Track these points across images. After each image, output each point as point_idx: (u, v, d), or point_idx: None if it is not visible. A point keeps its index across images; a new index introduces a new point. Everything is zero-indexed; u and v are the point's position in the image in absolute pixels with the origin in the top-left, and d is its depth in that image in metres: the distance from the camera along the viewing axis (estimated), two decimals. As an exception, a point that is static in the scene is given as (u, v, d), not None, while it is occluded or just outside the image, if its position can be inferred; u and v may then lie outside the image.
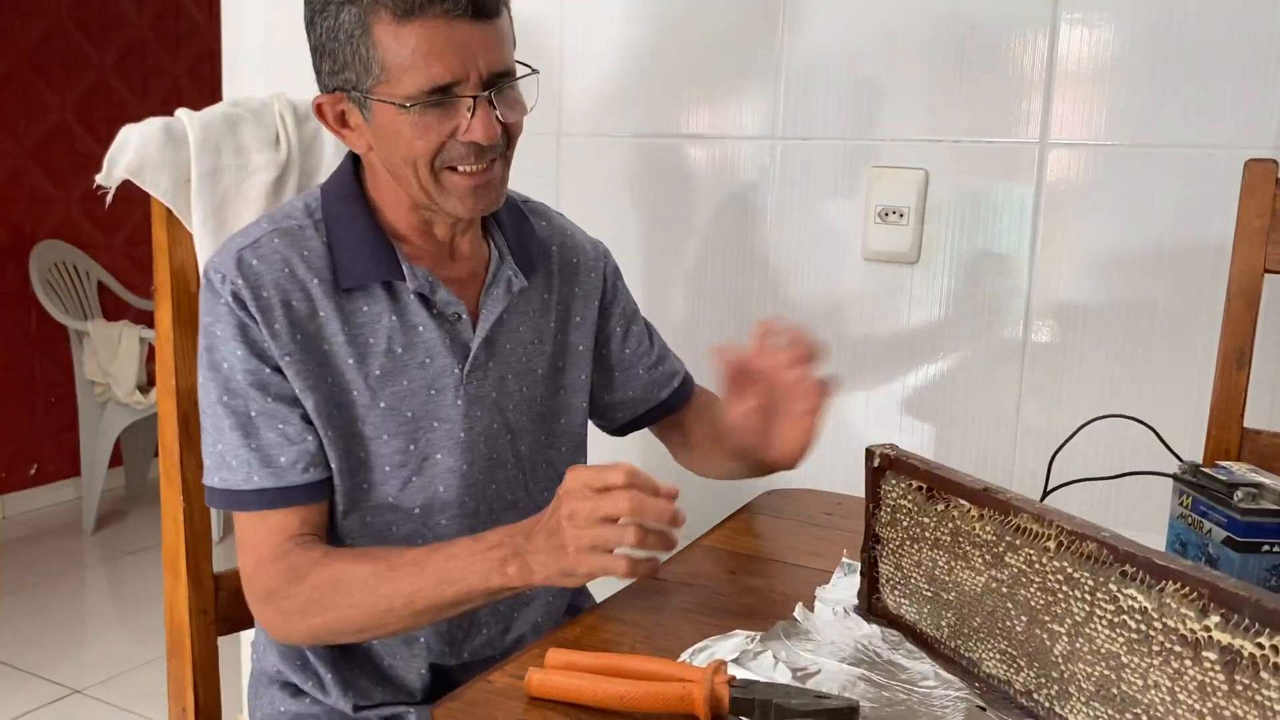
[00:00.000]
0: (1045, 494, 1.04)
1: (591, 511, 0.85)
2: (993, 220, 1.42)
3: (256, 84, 1.85)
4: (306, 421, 1.00)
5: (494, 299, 1.08)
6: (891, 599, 0.89)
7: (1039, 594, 0.73)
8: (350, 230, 1.04)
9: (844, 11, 1.47)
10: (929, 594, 0.84)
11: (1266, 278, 1.16)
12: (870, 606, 0.91)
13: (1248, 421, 1.17)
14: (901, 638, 0.86)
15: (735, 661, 0.80)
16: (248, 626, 1.23)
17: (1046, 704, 0.73)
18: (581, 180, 1.68)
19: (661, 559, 0.88)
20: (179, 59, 4.28)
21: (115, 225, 4.09)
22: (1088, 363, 1.38)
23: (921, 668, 0.81)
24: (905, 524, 0.86)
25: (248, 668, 1.94)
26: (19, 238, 3.79)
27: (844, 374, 1.54)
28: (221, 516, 3.31)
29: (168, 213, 1.19)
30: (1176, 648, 0.63)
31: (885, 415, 1.52)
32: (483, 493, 1.09)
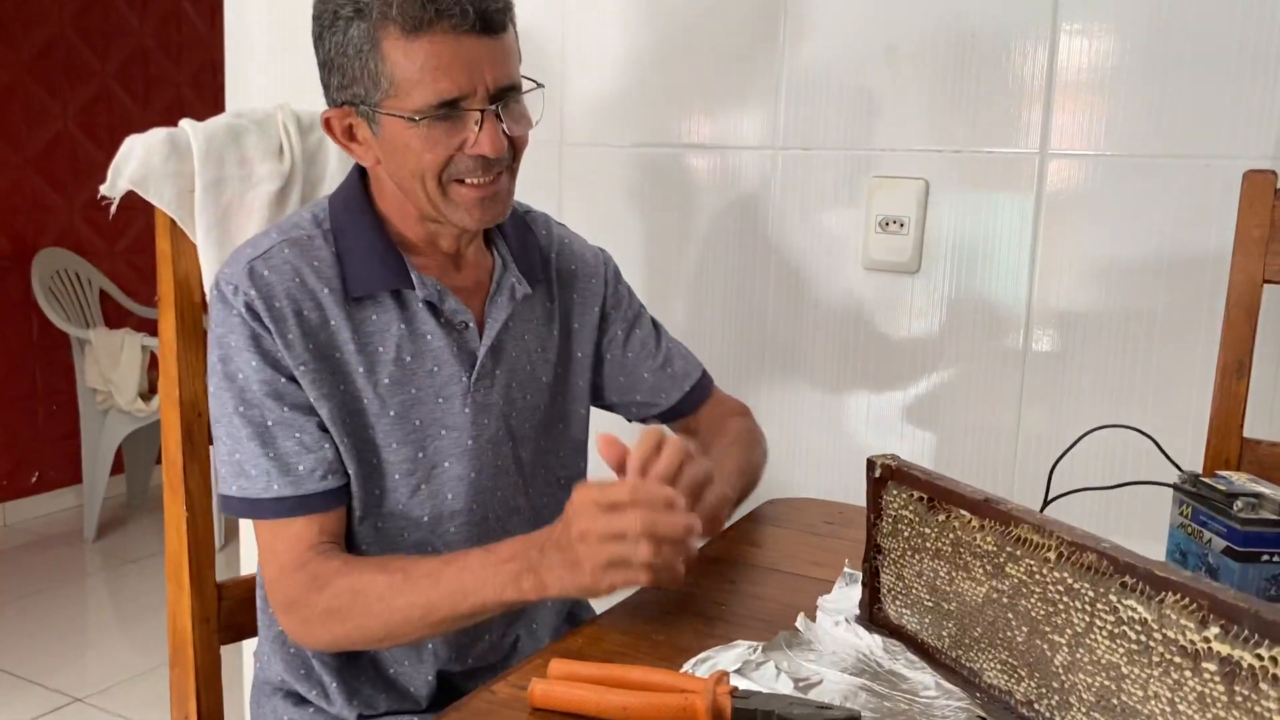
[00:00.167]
0: (1046, 503, 1.04)
1: (603, 530, 0.85)
2: (993, 230, 1.42)
3: (259, 95, 1.86)
4: (322, 429, 1.01)
5: (499, 307, 1.09)
6: (893, 609, 0.89)
7: (1040, 604, 0.74)
8: (359, 240, 1.04)
9: (845, 23, 1.47)
10: (930, 604, 0.85)
11: (1266, 288, 1.16)
12: (872, 616, 0.91)
13: (1247, 431, 1.18)
14: (903, 648, 0.86)
15: (737, 672, 0.80)
16: (250, 635, 1.23)
17: (1047, 714, 0.74)
18: (583, 189, 1.69)
19: (682, 568, 0.88)
20: (181, 68, 4.29)
21: (117, 233, 4.09)
22: (1088, 372, 1.39)
23: (923, 678, 0.81)
24: (906, 534, 0.87)
25: (249, 676, 1.94)
26: (21, 246, 3.80)
27: (846, 383, 1.55)
28: (223, 524, 3.32)
29: (171, 223, 1.19)
30: (1176, 659, 0.64)
31: (886, 424, 1.52)
32: (489, 500, 1.10)
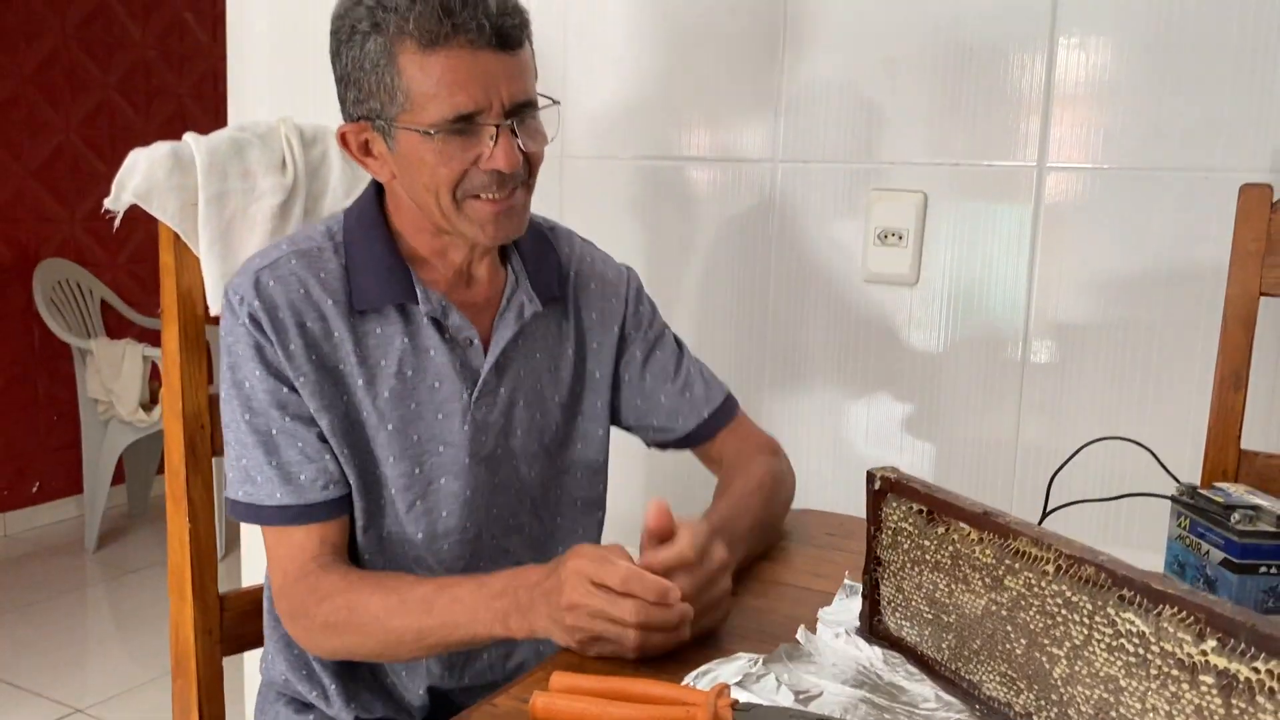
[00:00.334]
0: (1045, 515, 1.05)
1: (594, 608, 0.85)
2: (991, 242, 1.43)
3: (262, 107, 1.87)
4: (323, 440, 1.02)
5: (506, 324, 1.09)
6: (893, 621, 0.89)
7: (1038, 617, 0.74)
8: (368, 253, 1.05)
9: (844, 36, 1.48)
10: (930, 616, 0.85)
11: (1262, 300, 1.17)
12: (872, 628, 0.91)
13: (1244, 443, 1.18)
14: (903, 660, 0.86)
15: (738, 684, 0.81)
16: (253, 646, 1.24)
17: (1046, 726, 0.74)
18: (585, 202, 1.69)
19: (670, 646, 0.87)
20: (183, 79, 4.31)
21: (118, 244, 4.11)
22: (1086, 383, 1.39)
23: (923, 690, 0.82)
24: (906, 546, 0.87)
25: (251, 685, 1.95)
26: (23, 256, 3.81)
27: (845, 394, 1.55)
28: (224, 534, 3.32)
29: (175, 236, 1.20)
30: (1174, 671, 0.64)
31: (885, 435, 1.53)
32: (484, 518, 1.10)
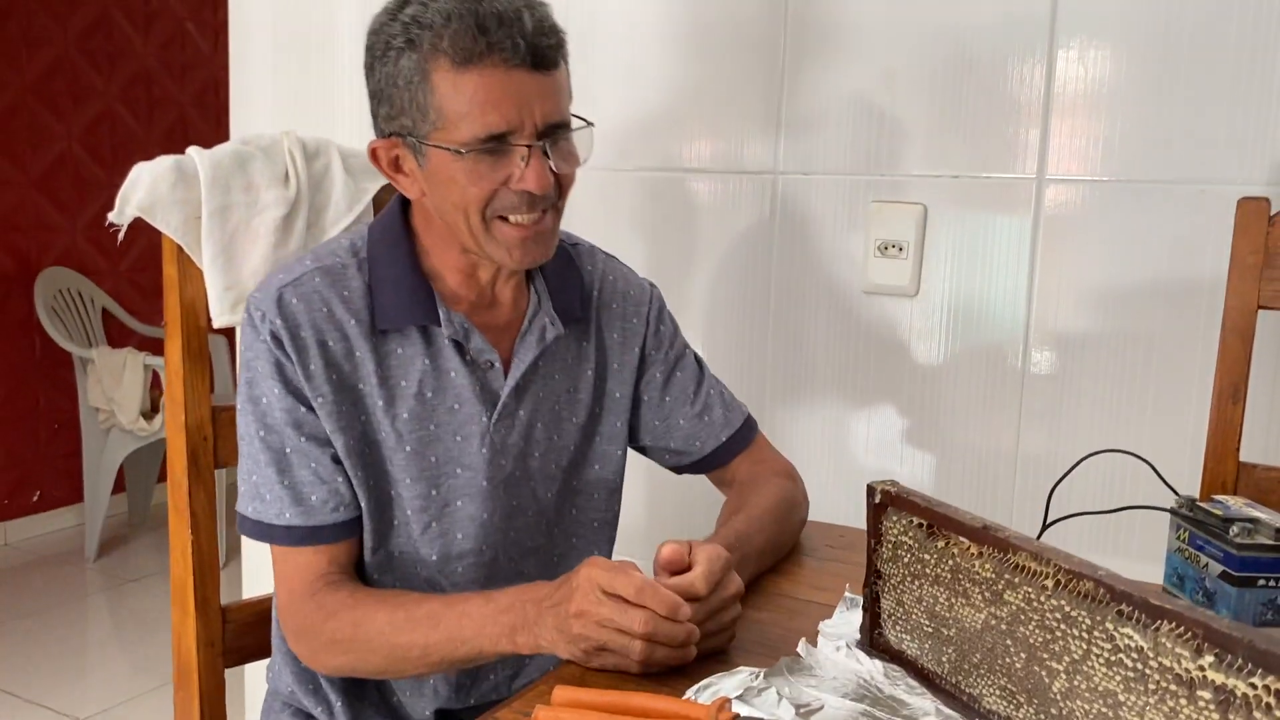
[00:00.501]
0: (1044, 527, 1.05)
1: (602, 617, 0.85)
2: (991, 254, 1.44)
3: (264, 118, 1.88)
4: (336, 462, 1.02)
5: (527, 347, 1.08)
6: (893, 634, 0.90)
7: (1037, 631, 0.74)
8: (391, 271, 1.04)
9: (845, 49, 1.49)
10: (930, 630, 0.85)
11: (1260, 313, 1.18)
12: (872, 641, 0.92)
13: (1243, 455, 1.19)
14: (903, 673, 0.87)
15: (739, 698, 0.81)
16: (255, 658, 1.24)
17: (1046, 740, 0.74)
18: (585, 213, 1.69)
19: (674, 662, 0.87)
20: (184, 88, 4.32)
21: (120, 253, 4.11)
22: (1086, 394, 1.40)
23: (923, 703, 0.82)
24: (906, 560, 0.87)
25: (253, 696, 1.95)
26: (24, 265, 3.81)
27: (846, 405, 1.56)
28: (225, 543, 3.32)
29: (178, 249, 1.20)
30: (1172, 686, 0.65)
31: (886, 446, 1.53)
32: (501, 541, 1.09)
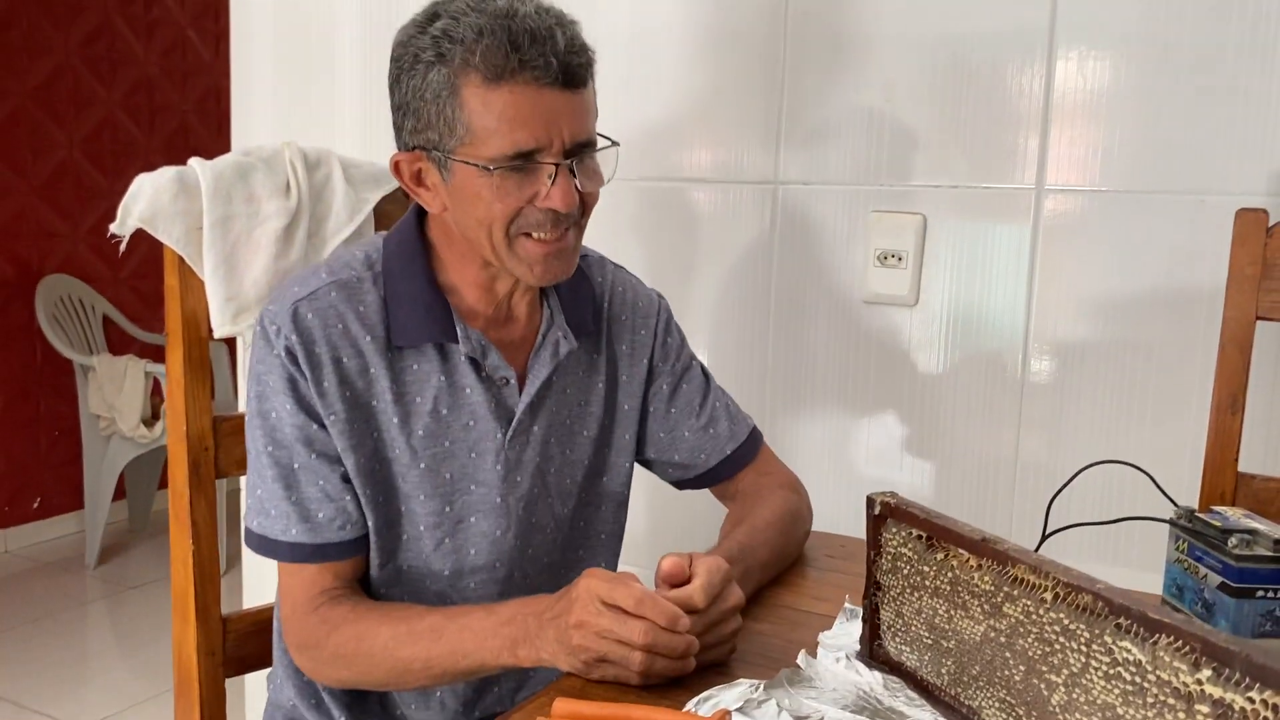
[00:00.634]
0: (1044, 538, 1.06)
1: (602, 628, 0.85)
2: (990, 263, 1.44)
3: (265, 127, 1.89)
4: (345, 480, 1.01)
5: (541, 362, 1.07)
6: (893, 646, 0.90)
7: (1036, 644, 0.75)
8: (408, 286, 1.03)
9: (845, 60, 1.50)
10: (929, 641, 0.86)
11: (1259, 324, 1.18)
12: (872, 653, 0.92)
13: (1242, 465, 1.19)
14: (903, 684, 0.87)
15: (739, 710, 0.81)
16: (256, 668, 1.24)
17: (1045, 752, 0.74)
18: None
19: (674, 673, 0.87)
20: (186, 95, 4.33)
21: (121, 260, 4.12)
22: (1085, 404, 1.40)
23: (922, 715, 0.82)
24: (906, 572, 0.88)
25: (253, 705, 1.95)
26: (26, 272, 3.82)
27: (846, 415, 1.56)
28: (227, 548, 3.32)
29: (179, 260, 1.21)
30: (1170, 700, 0.65)
31: (886, 455, 1.53)
32: (518, 558, 1.09)
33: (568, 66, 0.93)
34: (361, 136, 1.83)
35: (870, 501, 0.91)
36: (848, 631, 0.97)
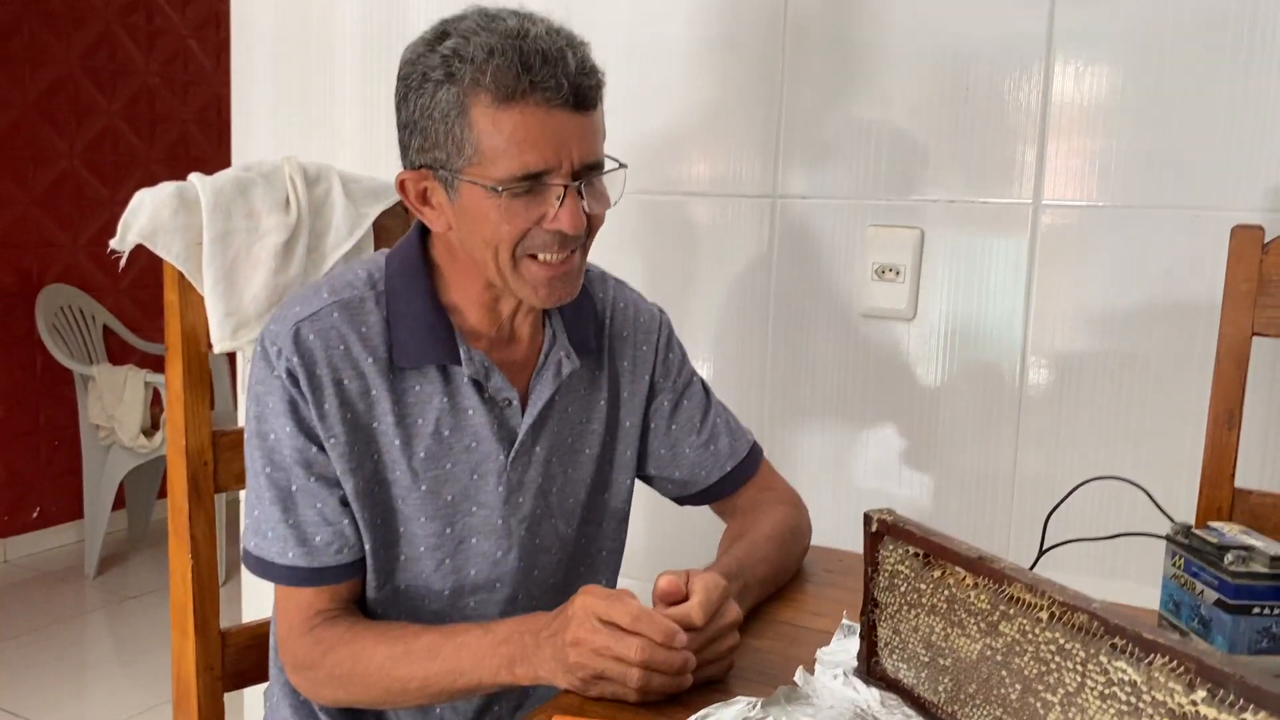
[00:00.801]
0: (1041, 553, 1.06)
1: (599, 645, 0.85)
2: (988, 278, 1.44)
3: (266, 140, 1.89)
4: (344, 504, 1.01)
5: (543, 383, 1.07)
6: (890, 663, 0.90)
7: (1032, 663, 0.75)
8: (410, 306, 1.02)
9: (843, 75, 1.50)
10: (926, 659, 0.86)
11: (1255, 340, 1.18)
12: (869, 670, 0.92)
13: (1239, 481, 1.19)
14: (900, 701, 0.87)
15: (737, 727, 0.82)
16: (254, 682, 1.24)
17: (1041, 771, 0.75)
18: (584, 236, 1.71)
19: (671, 690, 0.87)
20: (187, 106, 4.34)
21: (122, 270, 4.12)
22: (1082, 417, 1.40)
23: (919, 732, 0.83)
24: (903, 589, 0.88)
25: (252, 718, 1.95)
26: (26, 282, 3.82)
27: (844, 429, 1.56)
28: (226, 561, 3.32)
29: (179, 275, 1.21)
30: (1166, 720, 0.65)
31: (883, 469, 1.54)
32: (523, 580, 1.09)
33: (578, 88, 0.93)
34: (361, 150, 1.83)
35: (867, 519, 0.91)
36: (845, 648, 0.97)
